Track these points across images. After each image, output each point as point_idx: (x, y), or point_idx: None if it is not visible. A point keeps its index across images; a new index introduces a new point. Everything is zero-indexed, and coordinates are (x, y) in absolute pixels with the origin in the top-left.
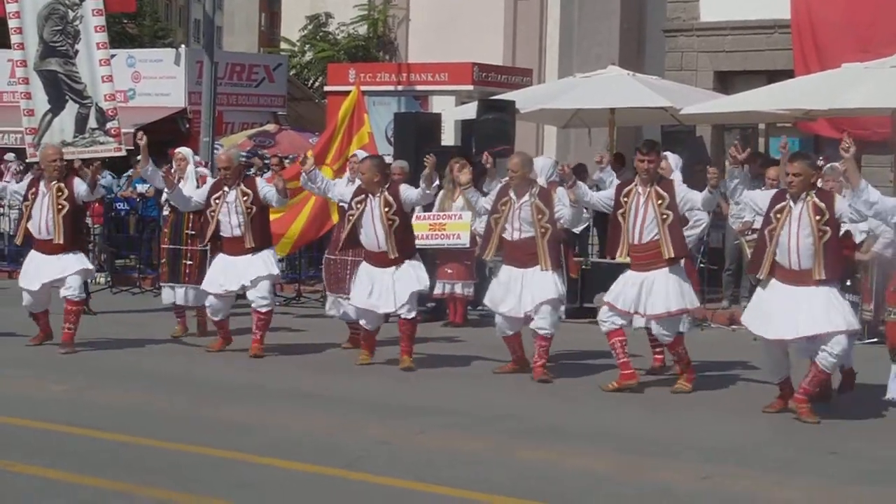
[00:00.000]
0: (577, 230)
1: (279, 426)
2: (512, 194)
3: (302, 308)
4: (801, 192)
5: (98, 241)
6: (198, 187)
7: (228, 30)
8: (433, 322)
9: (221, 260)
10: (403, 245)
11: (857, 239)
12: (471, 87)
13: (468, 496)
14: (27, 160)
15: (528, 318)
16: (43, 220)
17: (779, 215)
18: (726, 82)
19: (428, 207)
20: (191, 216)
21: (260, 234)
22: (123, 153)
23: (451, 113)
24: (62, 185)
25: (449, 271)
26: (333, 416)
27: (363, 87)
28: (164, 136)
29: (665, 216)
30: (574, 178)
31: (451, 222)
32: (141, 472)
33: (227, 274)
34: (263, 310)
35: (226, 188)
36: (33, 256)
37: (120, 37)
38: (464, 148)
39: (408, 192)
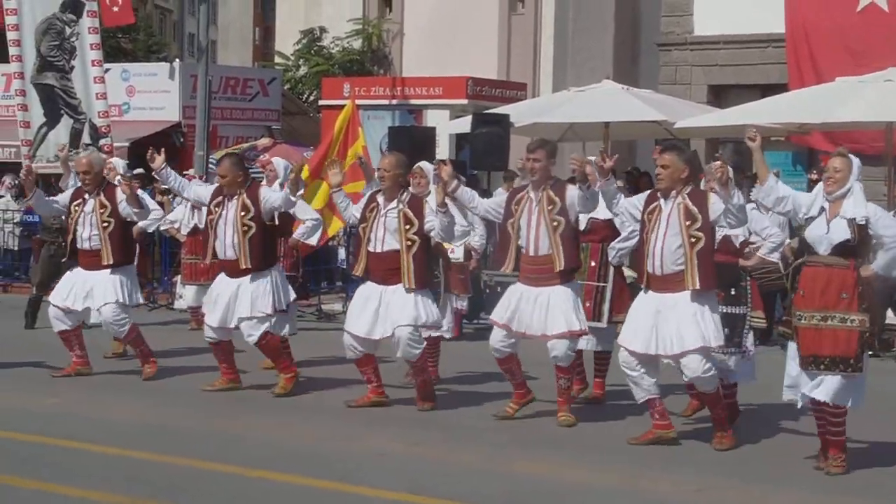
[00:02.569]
0: (457, 245)
1: (272, 438)
2: (380, 199)
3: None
4: (670, 187)
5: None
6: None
7: (223, 44)
8: None
9: (73, 273)
10: (260, 257)
11: (738, 244)
12: (465, 101)
13: None
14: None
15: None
16: None
17: (650, 216)
18: (720, 96)
19: None
20: None
21: (117, 251)
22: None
23: (446, 127)
24: None
25: None
26: (329, 428)
27: (357, 101)
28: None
29: (556, 223)
30: (456, 181)
31: None
32: (132, 485)
33: (74, 289)
34: (122, 334)
35: (86, 196)
36: None
37: (114, 51)
38: (458, 162)
39: (270, 195)
